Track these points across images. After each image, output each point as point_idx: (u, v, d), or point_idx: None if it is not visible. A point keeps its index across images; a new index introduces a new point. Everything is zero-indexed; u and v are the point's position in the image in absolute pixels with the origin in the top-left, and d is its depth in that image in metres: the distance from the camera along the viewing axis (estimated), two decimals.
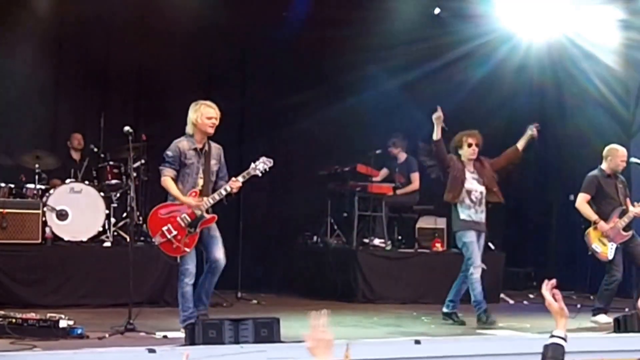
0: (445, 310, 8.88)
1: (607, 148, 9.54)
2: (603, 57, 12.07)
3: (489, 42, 12.30)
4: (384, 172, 12.19)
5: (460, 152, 8.89)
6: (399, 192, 11.85)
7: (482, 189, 8.77)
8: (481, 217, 8.78)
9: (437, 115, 8.63)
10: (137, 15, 11.75)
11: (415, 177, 11.97)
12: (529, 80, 13.24)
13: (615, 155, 9.43)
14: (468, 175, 8.77)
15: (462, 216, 8.73)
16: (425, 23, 12.55)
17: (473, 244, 8.66)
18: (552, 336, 4.05)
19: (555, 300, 4.08)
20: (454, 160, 8.83)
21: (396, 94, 12.93)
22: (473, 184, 8.76)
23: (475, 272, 8.61)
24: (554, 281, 4.14)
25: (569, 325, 4.12)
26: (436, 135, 8.69)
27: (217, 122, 7.59)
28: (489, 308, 8.68)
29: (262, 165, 7.64)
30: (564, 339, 4.02)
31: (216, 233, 7.63)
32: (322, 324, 3.46)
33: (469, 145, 8.81)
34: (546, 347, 4.03)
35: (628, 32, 11.72)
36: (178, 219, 7.47)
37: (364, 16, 12.14)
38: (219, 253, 7.56)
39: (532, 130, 9.07)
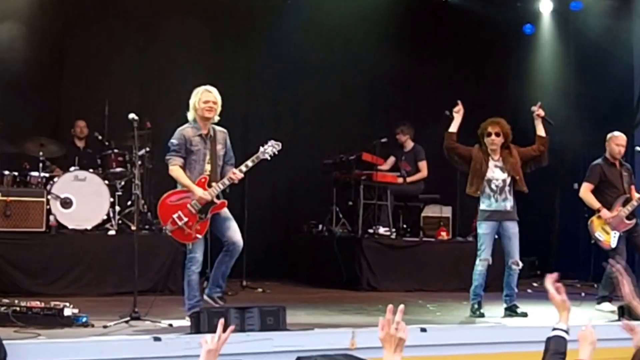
0: (504, 305, 8.68)
1: (607, 136, 9.54)
2: (606, 46, 12.05)
3: (493, 26, 12.31)
4: (391, 160, 12.17)
5: (484, 140, 8.66)
6: (409, 179, 11.83)
7: (505, 176, 8.56)
8: (503, 205, 8.55)
9: (458, 109, 8.47)
10: (142, 2, 11.73)
11: (424, 165, 11.96)
12: (534, 67, 13.22)
13: (610, 140, 9.42)
14: (491, 164, 8.57)
15: (482, 206, 8.58)
16: (431, 9, 12.53)
17: (485, 236, 8.52)
18: (555, 329, 4.05)
19: (558, 293, 4.07)
20: (474, 151, 8.65)
21: (402, 81, 12.92)
22: (495, 173, 8.56)
23: (481, 264, 8.52)
24: (555, 275, 4.14)
25: (573, 314, 4.12)
26: (453, 127, 8.52)
27: (215, 107, 7.48)
28: (483, 301, 8.64)
29: (271, 148, 7.58)
30: (566, 332, 4.01)
31: (229, 217, 7.57)
32: (395, 320, 3.42)
33: (489, 135, 8.58)
34: (548, 339, 4.03)
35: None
36: (188, 205, 7.41)
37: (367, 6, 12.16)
38: (236, 236, 7.50)
39: (535, 112, 8.74)
